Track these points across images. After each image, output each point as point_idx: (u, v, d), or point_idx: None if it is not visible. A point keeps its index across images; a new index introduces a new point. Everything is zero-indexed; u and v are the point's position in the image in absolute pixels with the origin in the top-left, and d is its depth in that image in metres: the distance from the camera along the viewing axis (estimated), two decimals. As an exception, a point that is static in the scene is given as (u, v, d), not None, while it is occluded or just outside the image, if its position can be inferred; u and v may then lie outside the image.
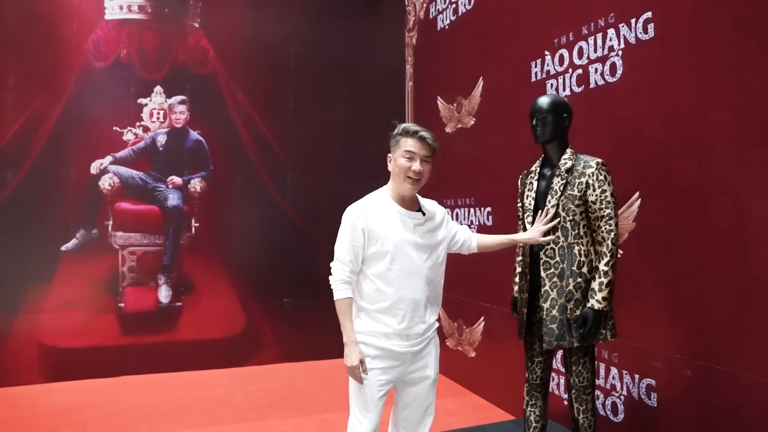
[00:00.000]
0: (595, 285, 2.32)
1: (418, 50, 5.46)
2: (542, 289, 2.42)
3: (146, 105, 4.98)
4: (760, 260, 2.21)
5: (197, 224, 5.11)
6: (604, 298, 2.30)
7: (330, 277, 2.20)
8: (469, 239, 2.52)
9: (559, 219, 2.40)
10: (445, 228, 2.45)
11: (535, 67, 3.61)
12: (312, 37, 5.45)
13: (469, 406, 4.08)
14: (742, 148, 2.29)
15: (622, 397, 2.89)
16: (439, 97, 4.95)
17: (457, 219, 4.62)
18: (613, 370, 2.95)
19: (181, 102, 5.08)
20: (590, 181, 2.36)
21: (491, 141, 4.13)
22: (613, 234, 2.33)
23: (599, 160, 2.39)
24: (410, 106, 5.56)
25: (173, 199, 5.03)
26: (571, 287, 2.37)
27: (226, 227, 5.19)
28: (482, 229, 4.26)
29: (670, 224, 2.62)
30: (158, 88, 5.01)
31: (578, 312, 2.36)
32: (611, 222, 2.34)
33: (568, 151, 2.47)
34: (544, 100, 2.48)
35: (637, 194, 2.80)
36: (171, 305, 5.02)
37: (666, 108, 2.65)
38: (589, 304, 2.32)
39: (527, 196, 2.58)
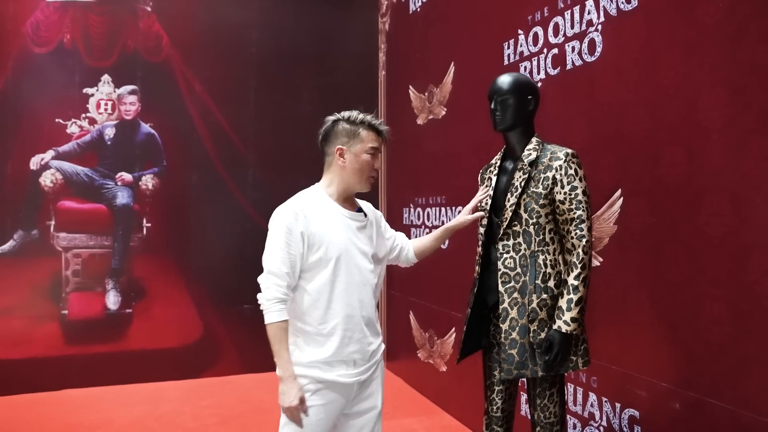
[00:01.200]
0: (562, 303, 1.92)
1: (391, 36, 5.05)
2: (500, 307, 2.02)
3: (93, 95, 4.57)
4: (764, 272, 1.80)
5: (149, 224, 4.70)
6: (573, 319, 1.89)
7: (259, 296, 1.81)
8: (407, 247, 2.21)
9: (506, 209, 2.01)
10: (384, 233, 2.10)
11: (508, 48, 3.20)
12: (276, 22, 5.04)
13: (437, 426, 3.68)
14: (741, 136, 1.88)
15: (601, 428, 2.49)
16: (410, 86, 4.54)
17: (428, 220, 4.21)
18: (592, 397, 2.54)
19: (132, 92, 4.67)
20: (557, 176, 1.96)
21: (463, 133, 3.73)
22: (584, 240, 1.92)
23: (569, 151, 1.98)
24: (383, 97, 5.15)
25: (122, 197, 4.63)
26: (534, 305, 1.97)
27: (180, 228, 4.79)
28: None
29: (657, 228, 2.21)
30: (106, 77, 4.60)
31: (543, 335, 1.95)
32: (583, 226, 1.93)
33: (534, 140, 2.07)
34: (504, 80, 2.08)
35: (618, 192, 2.39)
36: (120, 312, 4.61)
37: (652, 90, 2.24)
38: (555, 326, 1.91)
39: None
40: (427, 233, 4.21)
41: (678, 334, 2.11)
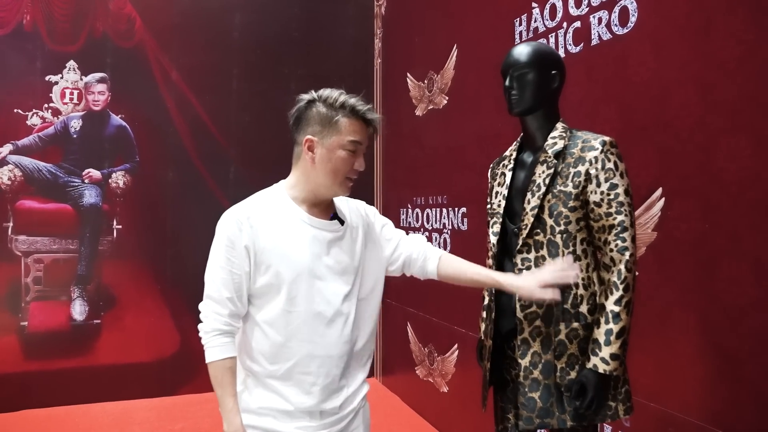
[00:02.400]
0: (599, 335, 1.49)
1: (388, 21, 4.62)
2: (518, 338, 1.59)
3: (57, 83, 4.13)
4: None
5: (119, 226, 4.27)
6: (613, 356, 1.47)
7: (199, 326, 1.42)
8: (423, 256, 1.66)
9: (525, 213, 1.58)
10: (378, 237, 1.65)
11: (520, 25, 2.77)
12: (261, 4, 4.60)
13: (437, 458, 3.25)
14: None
15: (635, 477, 2.06)
16: (408, 74, 4.10)
17: (428, 222, 3.78)
18: (623, 438, 2.11)
19: (101, 80, 4.23)
20: (593, 171, 1.53)
21: (467, 124, 3.29)
22: (627, 254, 1.49)
23: (606, 139, 1.56)
24: (378, 87, 4.72)
25: (90, 196, 4.19)
26: (562, 336, 1.54)
27: (155, 230, 4.35)
28: (455, 235, 3.42)
29: (711, 236, 1.78)
30: (72, 64, 4.16)
31: (573, 375, 1.53)
32: (625, 235, 1.50)
33: (559, 126, 1.65)
34: (522, 50, 1.65)
35: (659, 191, 1.96)
36: (87, 323, 4.18)
37: (704, 65, 1.81)
38: (590, 365, 1.49)
39: (497, 193, 1.74)
40: (426, 236, 3.78)
41: (743, 370, 1.68)
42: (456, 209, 3.40)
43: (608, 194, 1.51)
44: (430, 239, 3.72)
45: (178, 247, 4.39)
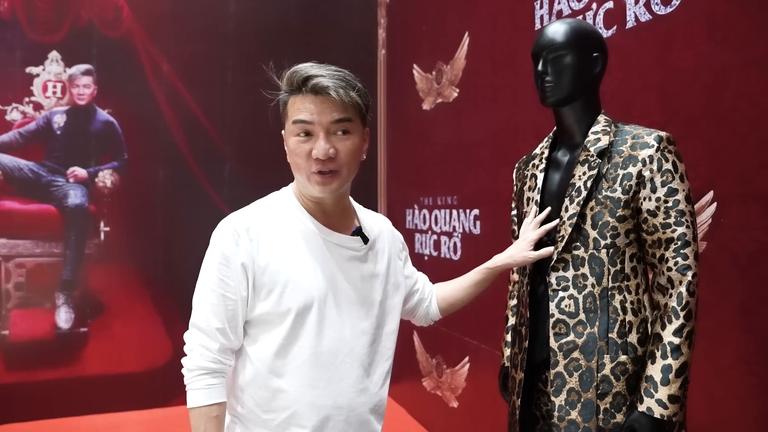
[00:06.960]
0: (653, 371, 1.24)
1: (393, 9, 4.34)
2: (552, 371, 1.33)
3: (38, 76, 3.87)
4: None
5: (107, 228, 4.02)
6: (672, 398, 1.21)
7: (183, 361, 1.16)
8: (428, 296, 1.49)
9: (562, 222, 1.33)
10: (402, 263, 1.41)
11: (541, 7, 2.50)
12: (258, -9, 4.34)
13: (447, 481, 3.00)
14: None
15: None
16: (415, 65, 3.83)
17: (436, 224, 3.52)
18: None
19: (86, 72, 3.97)
20: (646, 174, 1.27)
21: (479, 118, 3.03)
22: (690, 274, 1.24)
23: (662, 134, 1.30)
24: (382, 79, 4.45)
25: (75, 196, 3.94)
26: (607, 371, 1.28)
27: (145, 232, 4.10)
28: (466, 239, 3.16)
29: (776, 248, 1.52)
30: (54, 54, 3.90)
31: (620, 418, 1.28)
32: (687, 251, 1.24)
33: (602, 119, 1.39)
34: (558, 29, 1.39)
35: (710, 195, 1.70)
36: (73, 331, 3.93)
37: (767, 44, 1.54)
38: (642, 407, 1.23)
39: (528, 198, 1.48)
40: (435, 241, 3.52)
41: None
42: (468, 211, 3.14)
43: (666, 201, 1.25)
44: (438, 242, 3.46)
45: (170, 250, 4.13)
